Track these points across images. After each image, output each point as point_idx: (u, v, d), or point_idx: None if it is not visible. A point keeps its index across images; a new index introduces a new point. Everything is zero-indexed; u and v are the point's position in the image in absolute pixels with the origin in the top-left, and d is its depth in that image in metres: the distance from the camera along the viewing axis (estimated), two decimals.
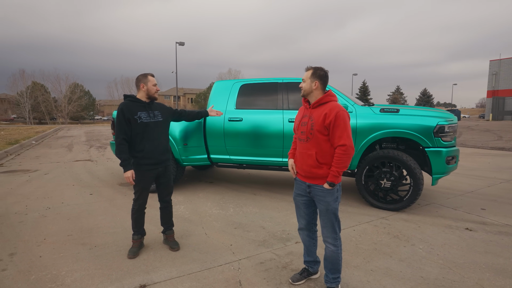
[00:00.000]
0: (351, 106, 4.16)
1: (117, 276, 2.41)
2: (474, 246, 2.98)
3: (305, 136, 2.12)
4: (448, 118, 3.97)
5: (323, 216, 2.13)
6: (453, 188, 5.25)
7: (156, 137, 2.77)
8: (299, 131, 2.17)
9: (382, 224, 3.54)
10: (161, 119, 2.83)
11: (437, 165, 3.86)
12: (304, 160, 2.13)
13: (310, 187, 2.15)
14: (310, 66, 2.17)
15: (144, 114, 2.72)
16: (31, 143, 12.55)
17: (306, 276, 2.36)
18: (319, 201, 2.12)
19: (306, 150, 2.12)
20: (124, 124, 2.64)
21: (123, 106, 2.68)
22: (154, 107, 2.83)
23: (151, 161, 2.74)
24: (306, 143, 2.12)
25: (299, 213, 2.31)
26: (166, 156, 2.88)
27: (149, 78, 2.76)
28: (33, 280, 2.35)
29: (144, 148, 2.70)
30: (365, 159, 4.10)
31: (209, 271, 2.51)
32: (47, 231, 3.30)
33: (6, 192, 4.87)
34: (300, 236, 2.38)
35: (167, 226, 3.00)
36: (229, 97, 4.76)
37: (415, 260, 2.69)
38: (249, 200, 4.52)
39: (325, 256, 2.21)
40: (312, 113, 2.12)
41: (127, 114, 2.64)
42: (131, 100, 2.74)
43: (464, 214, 3.92)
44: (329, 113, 2.01)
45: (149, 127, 2.72)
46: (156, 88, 2.79)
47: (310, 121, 2.10)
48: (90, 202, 4.36)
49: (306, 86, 2.14)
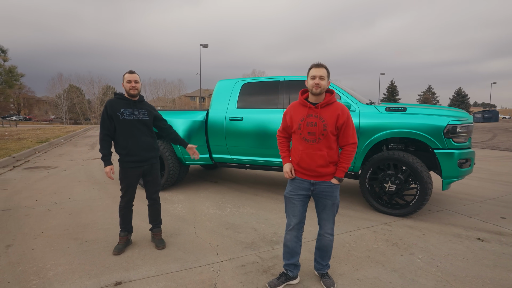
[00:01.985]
0: (354, 105, 3.95)
1: (97, 272, 2.44)
2: (482, 258, 2.69)
3: (314, 137, 2.08)
4: (462, 118, 3.64)
5: (328, 210, 2.18)
6: (473, 193, 4.83)
7: (140, 134, 2.75)
8: (305, 131, 2.10)
9: (383, 230, 3.31)
10: (147, 118, 2.80)
11: (448, 168, 3.55)
12: (314, 161, 2.10)
13: (315, 184, 2.15)
14: (319, 63, 2.12)
15: (128, 111, 2.71)
16: (60, 141, 13.34)
17: (284, 281, 2.26)
18: (326, 196, 2.15)
19: (317, 151, 2.09)
20: (107, 120, 2.67)
21: (107, 103, 2.70)
22: (140, 106, 2.80)
23: (135, 158, 2.74)
24: (316, 144, 2.09)
25: (293, 212, 2.23)
26: (152, 154, 2.85)
27: (125, 75, 2.72)
28: (19, 271, 2.43)
29: (127, 145, 2.71)
30: (369, 160, 3.87)
31: (188, 271, 2.46)
32: (47, 225, 3.44)
33: (23, 187, 5.17)
34: (286, 237, 2.27)
35: (154, 223, 3.00)
36: (231, 96, 4.72)
37: (409, 270, 2.47)
38: (249, 200, 4.44)
39: (321, 246, 2.26)
40: (321, 114, 2.08)
41: (109, 110, 2.66)
42: (117, 97, 2.76)
43: (479, 222, 3.57)
44: (342, 114, 2.08)
45: (132, 124, 2.71)
46: (130, 85, 2.69)
47: (322, 122, 2.07)
48: (95, 198, 4.50)
49: (325, 84, 2.08)
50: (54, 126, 31.13)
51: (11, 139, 12.87)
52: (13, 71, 8.93)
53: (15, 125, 33.69)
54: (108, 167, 2.68)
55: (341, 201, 4.39)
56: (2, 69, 8.83)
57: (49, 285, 2.25)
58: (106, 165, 2.69)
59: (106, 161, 2.69)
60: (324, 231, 2.24)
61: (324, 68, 2.09)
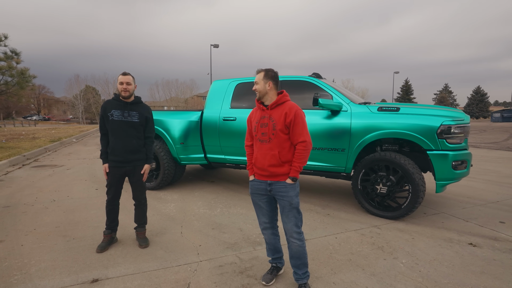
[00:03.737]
0: (345, 105, 3.88)
1: (77, 268, 2.50)
2: (470, 264, 2.59)
3: (266, 137, 2.14)
4: (457, 118, 3.51)
5: (286, 212, 2.16)
6: (475, 196, 4.65)
7: (125, 136, 2.80)
8: (260, 132, 2.17)
9: (371, 233, 3.23)
10: (136, 121, 2.84)
11: (441, 170, 3.43)
12: (267, 160, 2.14)
13: (271, 185, 2.17)
14: (260, 69, 2.21)
15: (118, 112, 2.77)
16: (71, 141, 13.75)
17: (276, 274, 2.38)
18: (282, 197, 2.15)
19: (269, 151, 2.13)
20: (101, 121, 2.82)
21: (104, 103, 2.83)
22: (133, 107, 2.84)
23: (118, 158, 2.80)
24: (268, 144, 2.14)
25: (261, 212, 2.30)
26: (136, 157, 2.87)
27: (118, 77, 2.77)
28: (4, 267, 2.52)
29: (113, 145, 2.79)
30: (361, 161, 3.79)
31: (165, 270, 2.49)
32: (41, 222, 3.55)
33: (27, 184, 5.35)
34: (265, 237, 2.36)
35: (139, 223, 3.04)
36: (225, 96, 4.73)
37: (389, 275, 2.41)
38: (242, 201, 4.44)
39: (292, 254, 2.22)
40: (271, 114, 2.14)
41: (102, 111, 2.80)
42: (113, 98, 2.85)
43: (475, 227, 3.44)
44: (289, 112, 2.10)
45: (119, 126, 2.77)
46: (122, 87, 2.75)
47: (271, 122, 2.13)
48: (92, 197, 4.62)
49: (260, 87, 2.16)
50: (70, 126, 32.14)
51: (26, 138, 13.36)
52: (25, 73, 9.25)
53: (34, 124, 35.01)
54: (106, 165, 2.83)
55: (334, 203, 4.32)
56: (15, 71, 9.16)
57: (29, 281, 2.32)
58: (104, 163, 2.84)
59: (103, 159, 2.84)
60: (289, 235, 2.19)
61: (260, 72, 2.18)
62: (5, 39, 9.42)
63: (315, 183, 5.53)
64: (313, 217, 3.74)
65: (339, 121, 3.82)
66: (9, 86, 9.33)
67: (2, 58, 9.23)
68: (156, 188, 4.93)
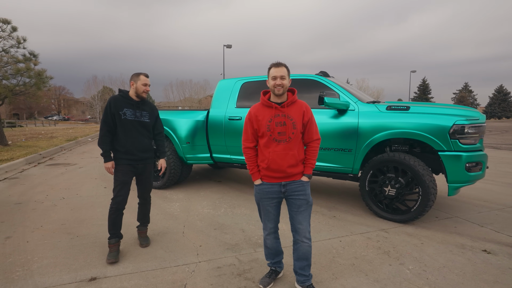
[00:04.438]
0: (353, 104, 3.76)
1: (77, 266, 2.52)
2: (482, 272, 2.43)
3: (285, 136, 2.03)
4: (471, 117, 3.33)
5: (303, 210, 2.09)
6: (492, 200, 4.41)
7: (139, 135, 2.76)
8: (276, 132, 2.03)
9: (378, 237, 3.11)
10: (147, 120, 2.83)
11: (454, 172, 3.26)
12: (286, 161, 2.03)
13: (286, 185, 2.09)
14: (279, 62, 2.07)
15: (130, 111, 2.72)
16: (87, 140, 14.12)
17: (274, 278, 2.31)
18: (298, 196, 2.08)
19: (288, 151, 2.04)
20: (109, 117, 2.67)
21: (111, 99, 2.70)
22: (143, 107, 2.81)
23: (131, 157, 2.74)
24: (287, 144, 2.03)
25: (269, 217, 2.17)
26: (147, 155, 2.86)
27: (141, 77, 2.74)
28: (9, 263, 2.57)
29: (126, 144, 2.71)
30: (369, 162, 3.66)
31: (163, 270, 2.47)
32: (48, 219, 3.62)
33: (40, 182, 5.50)
34: (267, 242, 2.24)
35: (142, 222, 3.03)
36: (231, 95, 4.69)
37: (394, 282, 2.29)
38: (247, 201, 4.39)
39: (299, 255, 2.13)
40: (287, 113, 2.04)
41: (113, 108, 2.67)
42: (121, 95, 2.76)
43: (491, 232, 3.25)
44: (306, 111, 2.08)
45: (132, 125, 2.73)
46: (145, 88, 2.75)
47: (290, 121, 2.03)
48: (100, 195, 4.68)
49: (286, 83, 2.04)
50: (87, 126, 33.07)
51: (44, 137, 13.83)
52: (42, 74, 9.55)
53: (54, 124, 36.28)
54: (109, 162, 2.71)
55: (341, 205, 4.20)
56: (32, 72, 9.47)
57: (30, 277, 2.35)
58: (107, 160, 2.70)
59: (106, 157, 2.70)
60: (302, 235, 2.10)
61: (283, 66, 2.04)
62: (24, 42, 9.77)
63: (322, 184, 5.41)
64: (318, 219, 3.64)
65: (346, 121, 3.71)
66: (27, 87, 9.65)
67: (21, 60, 9.57)
68: (163, 187, 4.96)
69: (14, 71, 9.31)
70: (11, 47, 9.68)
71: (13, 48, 9.71)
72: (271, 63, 2.08)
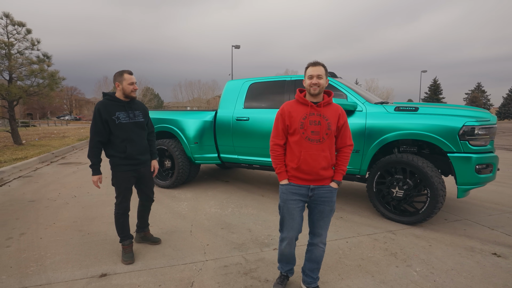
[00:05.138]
0: (360, 105, 3.75)
1: (88, 263, 2.59)
2: (492, 276, 2.40)
3: (318, 136, 1.95)
4: (481, 118, 3.28)
5: (324, 217, 2.04)
6: (504, 203, 4.33)
7: (136, 137, 2.64)
8: (309, 130, 1.95)
9: (385, 239, 3.10)
10: (142, 120, 2.70)
11: (463, 174, 3.22)
12: (319, 163, 1.96)
13: (314, 190, 2.00)
14: (316, 61, 2.00)
15: (123, 114, 2.57)
16: None
17: (286, 283, 2.26)
18: (324, 202, 2.01)
19: (321, 152, 1.96)
20: (100, 125, 2.49)
21: (100, 106, 2.50)
22: (134, 106, 2.68)
23: (132, 161, 2.63)
24: (319, 144, 1.96)
25: (293, 224, 2.04)
26: (147, 157, 2.78)
27: (125, 76, 2.55)
28: (23, 258, 2.66)
29: (126, 149, 2.57)
30: (376, 163, 3.65)
31: (171, 268, 2.52)
32: (60, 216, 3.72)
33: (52, 180, 5.65)
34: (284, 250, 2.12)
35: (145, 225, 2.97)
36: (238, 96, 4.73)
37: (401, 284, 2.29)
38: (254, 201, 4.41)
39: (312, 258, 2.13)
40: (323, 113, 1.97)
41: (104, 115, 2.49)
42: (109, 99, 2.57)
43: (501, 235, 3.19)
44: (342, 114, 2.04)
45: (129, 128, 2.59)
46: (132, 87, 2.57)
47: (326, 121, 1.96)
48: (110, 193, 4.78)
49: (324, 83, 1.98)
50: None
51: (57, 137, 14.15)
52: (55, 75, 9.78)
53: (66, 124, 37.04)
54: (97, 176, 2.57)
55: (348, 206, 4.19)
56: (46, 73, 9.71)
57: (44, 272, 2.43)
58: (96, 174, 2.56)
59: (95, 169, 2.56)
60: (319, 240, 2.08)
61: (321, 66, 1.97)
62: (38, 44, 10.02)
63: None
64: None
65: (353, 121, 3.70)
66: (41, 88, 9.90)
67: (35, 62, 9.82)
68: (171, 187, 5.03)
69: (29, 72, 9.56)
70: (26, 49, 9.96)
71: (28, 50, 9.99)
72: (309, 62, 2.00)
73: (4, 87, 9.20)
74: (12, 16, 9.60)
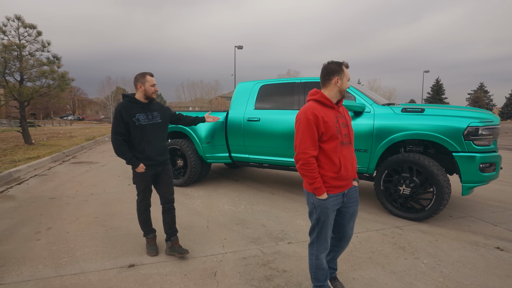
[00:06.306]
0: (369, 106, 3.91)
1: (115, 255, 2.77)
2: (495, 267, 2.56)
3: (349, 138, 1.93)
4: (485, 119, 3.43)
5: (354, 217, 2.03)
6: (506, 201, 4.48)
7: (155, 139, 2.70)
8: (342, 134, 1.87)
9: (392, 234, 3.26)
10: (159, 121, 2.75)
11: (468, 173, 3.38)
12: (352, 166, 1.93)
13: (347, 194, 1.93)
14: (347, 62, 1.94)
15: (143, 116, 2.63)
16: (104, 139, 14.60)
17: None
18: (354, 202, 1.99)
19: (352, 154, 1.95)
20: (122, 126, 2.57)
21: (121, 107, 2.57)
22: (153, 107, 2.74)
23: (151, 162, 2.69)
24: (350, 146, 1.94)
25: (329, 235, 1.96)
26: (165, 157, 2.82)
27: (147, 77, 2.63)
28: (54, 250, 2.85)
29: (144, 150, 2.64)
30: (384, 162, 3.81)
31: (193, 260, 2.69)
32: (82, 212, 3.90)
33: (68, 179, 5.84)
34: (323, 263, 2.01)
35: (171, 231, 2.84)
36: (249, 97, 4.90)
37: (410, 274, 2.45)
38: (264, 199, 4.58)
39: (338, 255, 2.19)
40: (344, 113, 1.98)
41: (125, 116, 2.56)
42: (129, 100, 2.63)
43: (504, 231, 3.35)
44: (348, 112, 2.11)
45: (147, 130, 2.64)
46: (154, 89, 2.66)
47: (349, 122, 1.98)
48: (125, 191, 4.97)
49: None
50: (102, 126, 33.90)
51: (64, 137, 14.38)
52: (65, 76, 9.99)
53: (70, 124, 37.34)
54: (140, 165, 2.62)
55: None
56: (56, 74, 9.92)
57: (76, 263, 2.61)
58: (137, 164, 2.62)
59: (134, 162, 2.62)
60: (349, 241, 2.11)
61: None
62: (48, 45, 10.23)
63: None
64: None
65: (361, 122, 3.86)
66: (51, 89, 10.11)
67: (45, 63, 10.03)
68: (184, 185, 5.21)
69: (39, 74, 9.78)
70: (36, 51, 10.18)
71: (38, 51, 10.21)
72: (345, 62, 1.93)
73: (16, 88, 9.42)
74: (24, 19, 9.82)
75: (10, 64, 9.59)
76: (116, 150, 2.61)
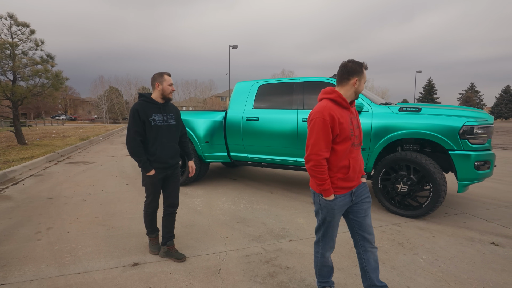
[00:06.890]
0: (367, 106, 3.97)
1: (118, 254, 2.77)
2: (490, 262, 2.64)
3: (359, 139, 1.92)
4: (480, 118, 3.53)
5: (369, 214, 1.94)
6: (499, 198, 4.60)
7: (168, 141, 2.65)
8: (355, 135, 1.84)
9: (391, 230, 3.33)
10: (174, 123, 2.70)
11: (463, 170, 3.47)
12: (360, 166, 1.92)
13: (355, 192, 1.90)
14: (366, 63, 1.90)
15: (159, 116, 2.58)
16: (98, 139, 14.47)
17: None
18: (366, 198, 1.94)
19: (360, 155, 1.95)
20: (140, 126, 2.52)
21: (138, 106, 2.52)
22: (168, 109, 2.69)
23: (161, 165, 2.63)
24: (359, 147, 1.93)
25: (335, 234, 1.97)
26: (176, 160, 2.77)
27: (165, 77, 2.59)
28: (56, 250, 2.84)
29: (156, 152, 2.59)
30: (381, 161, 3.88)
31: (197, 258, 2.71)
32: (81, 212, 3.89)
33: (65, 179, 5.79)
34: (328, 261, 2.02)
35: (169, 235, 2.77)
36: (248, 97, 4.93)
37: (409, 269, 2.51)
38: (264, 197, 4.62)
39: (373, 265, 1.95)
40: (356, 114, 1.96)
41: (142, 115, 2.51)
42: (146, 100, 2.59)
43: (498, 227, 3.44)
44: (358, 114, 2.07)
45: (162, 131, 2.60)
46: (171, 88, 2.61)
47: (359, 122, 1.97)
48: (124, 191, 4.95)
49: None
50: (95, 125, 33.58)
51: (57, 137, 14.20)
52: (59, 75, 9.88)
53: (62, 124, 36.84)
54: (151, 171, 2.58)
55: None
56: (50, 73, 9.80)
57: (79, 262, 2.61)
58: (150, 169, 2.57)
59: (148, 167, 2.56)
60: (373, 241, 1.94)
61: None
62: (42, 44, 10.10)
63: None
64: None
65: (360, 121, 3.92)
66: (45, 88, 9.98)
67: (39, 62, 9.90)
68: (182, 185, 5.21)
69: (33, 73, 9.65)
70: (30, 50, 10.04)
71: (31, 50, 10.07)
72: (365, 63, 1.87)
73: (9, 88, 9.28)
74: (16, 17, 9.68)
75: (3, 63, 9.45)
76: (132, 151, 2.53)
